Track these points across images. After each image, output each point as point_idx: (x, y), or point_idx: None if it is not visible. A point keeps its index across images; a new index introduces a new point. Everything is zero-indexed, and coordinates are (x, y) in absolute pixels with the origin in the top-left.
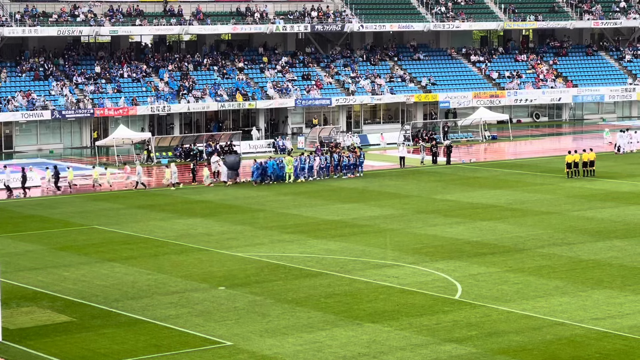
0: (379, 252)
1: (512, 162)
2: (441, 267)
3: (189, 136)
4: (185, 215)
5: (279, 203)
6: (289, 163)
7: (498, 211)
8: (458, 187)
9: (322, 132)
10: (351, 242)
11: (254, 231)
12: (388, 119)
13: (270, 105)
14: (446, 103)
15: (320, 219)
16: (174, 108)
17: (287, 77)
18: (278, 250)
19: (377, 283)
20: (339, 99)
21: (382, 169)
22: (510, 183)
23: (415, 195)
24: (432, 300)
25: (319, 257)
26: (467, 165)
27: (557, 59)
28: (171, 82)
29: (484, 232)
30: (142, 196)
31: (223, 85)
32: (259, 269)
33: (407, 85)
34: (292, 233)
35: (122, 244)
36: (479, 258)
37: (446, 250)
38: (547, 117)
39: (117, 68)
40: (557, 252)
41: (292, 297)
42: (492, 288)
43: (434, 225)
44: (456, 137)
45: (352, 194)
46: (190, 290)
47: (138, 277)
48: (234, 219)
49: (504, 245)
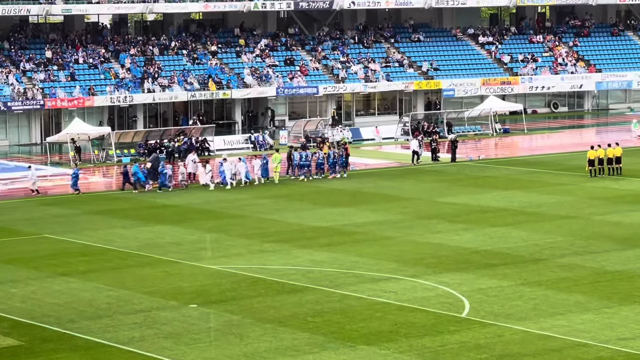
0: (374, 263)
1: (526, 159)
2: (446, 281)
3: (155, 131)
4: (151, 222)
5: (258, 207)
6: (275, 160)
7: (511, 215)
8: (465, 188)
9: (308, 126)
10: (342, 252)
11: (230, 240)
12: (384, 110)
13: (248, 94)
14: (450, 91)
15: (307, 225)
16: (137, 98)
17: (267, 63)
18: (258, 262)
19: (372, 299)
20: (327, 87)
21: (377, 168)
22: (524, 183)
23: (416, 197)
24: (435, 319)
25: (305, 269)
26: (475, 162)
27: (578, 40)
28: (133, 68)
29: (494, 240)
30: (101, 200)
31: (193, 71)
32: (235, 283)
33: (406, 71)
34: (273, 242)
35: (77, 255)
36: (489, 270)
37: (451, 260)
38: (566, 106)
39: (71, 53)
40: (579, 263)
41: (274, 316)
42: (504, 304)
43: (437, 233)
44: (462, 130)
45: (343, 197)
46: (157, 309)
47: (96, 293)
48: (207, 226)
49: (518, 254)
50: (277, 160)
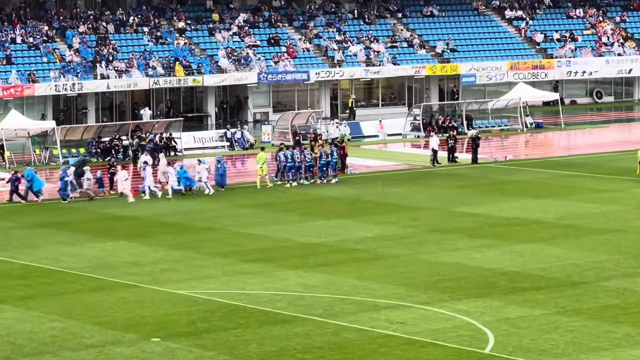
0: (378, 287)
1: (563, 160)
2: (465, 309)
3: (109, 126)
4: (105, 237)
5: (236, 219)
6: (260, 161)
7: (545, 229)
8: (488, 195)
9: (297, 119)
10: (338, 274)
11: (200, 259)
12: (389, 101)
13: (223, 81)
14: (471, 77)
15: (295, 241)
16: (88, 86)
17: (246, 42)
18: (235, 286)
19: (375, 331)
20: (320, 72)
21: (380, 171)
22: (561, 190)
23: (428, 207)
24: (452, 356)
25: (294, 295)
26: (501, 164)
27: (627, 14)
28: (83, 49)
29: (525, 259)
30: (43, 211)
31: (157, 53)
32: (208, 312)
33: (416, 53)
34: (254, 261)
35: (14, 278)
36: (517, 295)
37: (472, 284)
38: (612, 96)
39: (7, 30)
40: (629, 287)
41: (256, 352)
42: (536, 337)
43: (455, 250)
44: (485, 125)
45: (339, 206)
46: (112, 343)
47: (38, 325)
48: (173, 242)
49: (553, 277)
50: (262, 160)
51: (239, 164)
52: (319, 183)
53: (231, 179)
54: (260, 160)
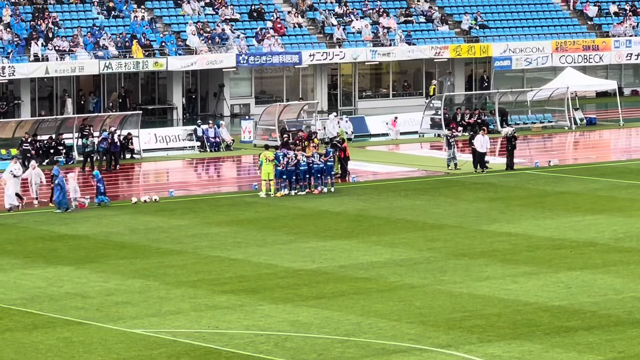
0: (388, 326)
1: (622, 166)
2: (498, 354)
3: (49, 120)
4: (43, 261)
5: (208, 239)
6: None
7: (598, 253)
8: (527, 210)
9: (286, 113)
10: (338, 309)
11: (164, 289)
12: (402, 90)
13: (193, 65)
14: (506, 60)
15: (283, 267)
16: (21, 70)
17: (222, 16)
18: (208, 324)
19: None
20: (315, 53)
21: (391, 179)
22: (619, 203)
23: (451, 224)
24: None
25: (281, 335)
26: (544, 170)
27: None
28: (15, 24)
29: (573, 291)
30: None
31: (109, 29)
32: (174, 356)
33: (437, 30)
34: (232, 293)
35: None
36: (564, 337)
37: (506, 322)
38: None
39: None
40: None
41: None
42: None
43: (485, 279)
44: (524, 121)
45: (340, 223)
46: None
47: None
48: (129, 267)
49: (609, 313)
50: (266, 159)
51: (212, 169)
52: (316, 192)
53: (203, 188)
54: (267, 163)
